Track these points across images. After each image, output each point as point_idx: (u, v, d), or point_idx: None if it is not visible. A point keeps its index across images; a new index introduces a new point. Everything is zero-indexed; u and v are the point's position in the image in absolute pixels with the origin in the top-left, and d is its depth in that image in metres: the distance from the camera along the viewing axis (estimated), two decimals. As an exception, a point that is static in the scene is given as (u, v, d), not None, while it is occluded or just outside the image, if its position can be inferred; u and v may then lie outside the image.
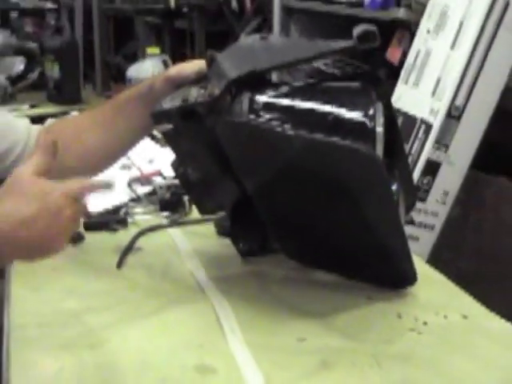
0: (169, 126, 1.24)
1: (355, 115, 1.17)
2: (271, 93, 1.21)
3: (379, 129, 1.14)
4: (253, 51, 1.25)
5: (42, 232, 0.97)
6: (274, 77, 1.31)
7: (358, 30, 1.18)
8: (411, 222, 1.66)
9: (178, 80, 1.29)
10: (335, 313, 1.24)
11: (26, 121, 1.42)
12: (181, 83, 1.28)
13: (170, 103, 1.23)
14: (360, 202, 1.16)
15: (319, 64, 1.24)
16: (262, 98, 1.19)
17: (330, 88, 1.26)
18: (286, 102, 1.21)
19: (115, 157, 1.43)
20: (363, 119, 1.15)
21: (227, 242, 1.46)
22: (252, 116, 1.17)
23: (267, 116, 1.17)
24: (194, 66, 1.29)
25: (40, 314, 1.20)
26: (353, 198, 1.16)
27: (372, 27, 1.19)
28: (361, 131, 1.14)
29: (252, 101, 1.18)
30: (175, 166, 1.35)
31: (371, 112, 1.15)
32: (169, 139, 1.28)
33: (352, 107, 1.17)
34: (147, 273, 1.37)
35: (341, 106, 1.17)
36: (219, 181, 1.32)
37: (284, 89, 1.24)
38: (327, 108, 1.18)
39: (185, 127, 1.22)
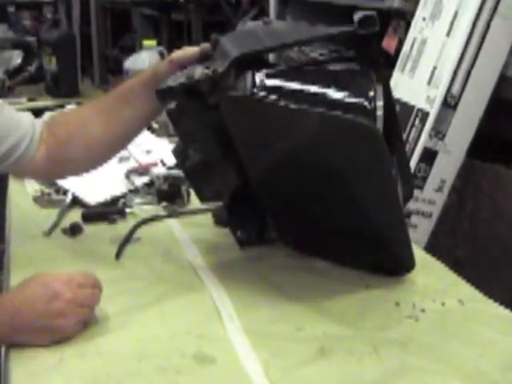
0: (172, 105, 1.27)
1: (355, 98, 1.18)
2: (273, 73, 1.22)
3: (379, 112, 1.15)
4: (255, 34, 1.28)
5: (42, 313, 1.07)
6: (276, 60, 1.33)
7: (358, 15, 1.20)
8: (408, 216, 1.66)
9: (181, 61, 1.30)
10: (333, 300, 1.24)
11: (30, 115, 1.43)
12: (184, 65, 1.30)
13: (174, 81, 1.24)
14: (360, 182, 1.18)
15: (315, 54, 1.25)
16: (264, 78, 1.21)
17: (331, 70, 1.28)
18: (287, 82, 1.22)
19: (120, 145, 1.44)
20: (363, 101, 1.16)
21: (225, 231, 1.47)
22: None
23: (270, 95, 1.19)
24: (197, 48, 1.31)
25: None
26: (353, 177, 1.17)
27: (372, 12, 1.21)
28: (361, 113, 1.15)
29: (255, 79, 1.20)
30: (176, 152, 1.36)
31: (371, 94, 1.16)
32: (172, 118, 1.30)
33: (352, 89, 1.19)
34: (146, 263, 1.38)
35: (341, 87, 1.19)
36: (219, 166, 1.33)
37: (285, 70, 1.26)
38: (328, 89, 1.19)
39: (189, 105, 1.23)
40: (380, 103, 1.16)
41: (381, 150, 1.11)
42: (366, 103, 1.16)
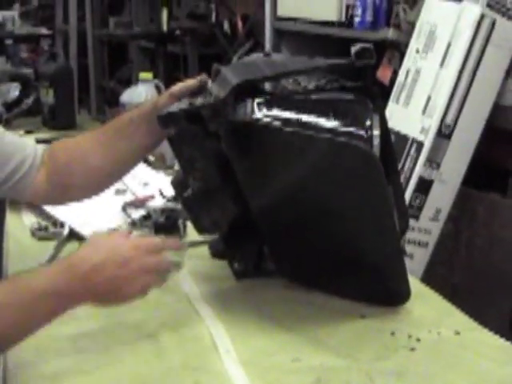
0: (173, 131, 1.28)
1: (352, 126, 1.20)
2: (272, 100, 1.24)
3: (376, 141, 1.17)
4: (256, 65, 1.31)
5: (110, 280, 1.10)
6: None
7: (355, 48, 1.22)
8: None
9: (181, 94, 1.33)
10: (329, 332, 1.25)
11: (32, 141, 1.46)
12: (184, 96, 1.32)
13: (176, 108, 1.27)
14: (358, 212, 1.19)
15: (311, 86, 1.27)
16: (264, 105, 1.22)
17: (328, 99, 1.29)
18: (286, 110, 1.23)
19: (118, 175, 1.46)
20: (360, 130, 1.18)
21: (221, 263, 1.48)
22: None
23: (271, 122, 1.21)
24: (196, 79, 1.33)
25: (37, 337, 1.21)
26: (351, 207, 1.18)
27: (369, 45, 1.23)
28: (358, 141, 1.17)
29: (254, 106, 1.22)
30: (175, 183, 1.38)
31: (368, 123, 1.18)
32: (173, 144, 1.31)
33: (349, 118, 1.21)
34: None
35: (338, 116, 1.21)
36: (219, 195, 1.33)
37: (284, 98, 1.29)
38: (326, 118, 1.21)
39: (190, 131, 1.26)
40: (377, 132, 1.18)
41: (378, 176, 1.13)
42: (362, 132, 1.17)
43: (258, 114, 1.21)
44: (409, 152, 2.37)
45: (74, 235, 1.66)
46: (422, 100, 2.40)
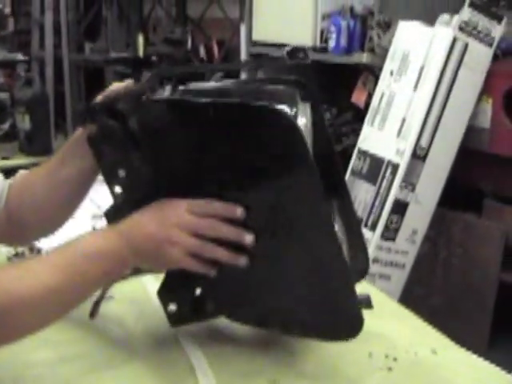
0: (94, 129, 1.17)
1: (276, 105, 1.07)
2: (195, 89, 1.17)
3: (302, 124, 1.09)
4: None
5: (148, 237, 1.08)
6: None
7: (287, 48, 1.19)
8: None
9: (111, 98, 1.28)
10: (306, 354, 1.25)
11: (1, 176, 1.42)
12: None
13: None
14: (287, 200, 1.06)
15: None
16: (184, 92, 1.16)
17: (254, 88, 1.21)
18: (206, 96, 1.12)
19: (69, 206, 1.40)
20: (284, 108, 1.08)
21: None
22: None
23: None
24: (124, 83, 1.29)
25: (14, 365, 1.20)
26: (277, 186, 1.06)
27: (302, 46, 1.19)
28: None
29: (174, 91, 1.15)
30: (109, 216, 1.22)
31: (293, 110, 1.10)
32: (94, 147, 1.19)
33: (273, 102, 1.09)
34: (119, 322, 1.37)
35: (261, 100, 1.09)
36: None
37: (208, 86, 1.21)
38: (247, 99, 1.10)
39: (110, 128, 1.15)
40: (303, 121, 1.10)
41: (301, 143, 1.01)
42: (287, 110, 1.08)
43: (176, 95, 1.14)
44: (384, 174, 2.40)
45: (51, 261, 1.66)
46: (396, 123, 2.43)
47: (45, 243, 1.68)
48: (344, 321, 1.15)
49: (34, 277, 1.05)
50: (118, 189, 1.18)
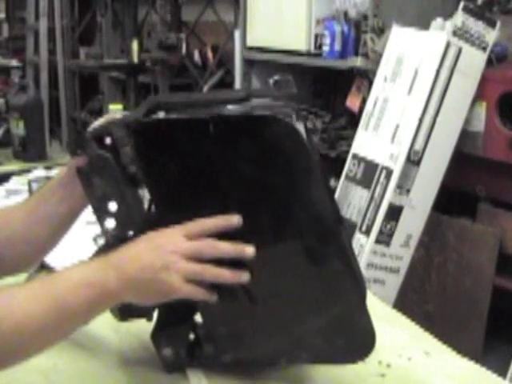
0: (83, 161, 1.12)
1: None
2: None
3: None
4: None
5: (144, 267, 1.02)
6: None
7: (274, 78, 1.14)
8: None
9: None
10: (295, 364, 1.23)
11: None
12: None
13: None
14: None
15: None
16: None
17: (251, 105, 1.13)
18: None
19: (45, 243, 1.38)
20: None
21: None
22: None
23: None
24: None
25: (10, 371, 1.19)
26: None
27: (288, 77, 1.15)
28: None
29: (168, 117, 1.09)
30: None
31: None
32: (83, 179, 1.15)
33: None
34: (112, 328, 1.36)
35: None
36: None
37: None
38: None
39: (101, 159, 1.11)
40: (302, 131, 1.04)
41: (302, 147, 1.00)
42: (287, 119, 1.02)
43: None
44: (378, 179, 2.40)
45: (44, 267, 1.65)
46: (390, 127, 2.43)
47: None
48: (358, 339, 1.11)
49: (16, 304, 1.01)
50: (108, 223, 1.13)
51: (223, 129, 1.02)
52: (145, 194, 1.15)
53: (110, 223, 1.13)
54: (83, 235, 1.78)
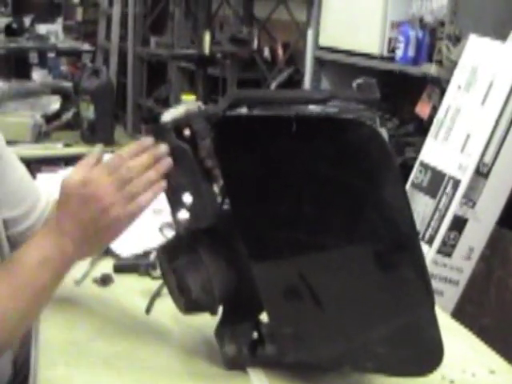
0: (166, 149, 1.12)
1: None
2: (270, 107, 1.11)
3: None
4: None
5: (89, 221, 1.08)
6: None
7: (358, 81, 1.14)
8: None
9: None
10: (359, 372, 1.22)
11: (48, 190, 1.43)
12: None
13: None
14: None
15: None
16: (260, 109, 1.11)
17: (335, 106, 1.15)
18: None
19: None
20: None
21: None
22: None
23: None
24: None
25: (67, 353, 1.21)
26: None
27: (372, 80, 1.14)
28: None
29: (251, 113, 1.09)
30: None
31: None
32: None
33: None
34: (174, 319, 1.38)
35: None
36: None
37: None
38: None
39: (178, 149, 1.11)
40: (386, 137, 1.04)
41: (385, 150, 0.99)
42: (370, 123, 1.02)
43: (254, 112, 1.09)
44: (445, 189, 2.37)
45: (109, 253, 1.67)
46: (461, 137, 2.40)
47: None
48: (425, 352, 1.08)
49: None
50: (181, 214, 1.13)
51: (306, 128, 1.02)
52: (217, 190, 1.16)
53: (183, 215, 1.12)
54: (149, 223, 1.79)
